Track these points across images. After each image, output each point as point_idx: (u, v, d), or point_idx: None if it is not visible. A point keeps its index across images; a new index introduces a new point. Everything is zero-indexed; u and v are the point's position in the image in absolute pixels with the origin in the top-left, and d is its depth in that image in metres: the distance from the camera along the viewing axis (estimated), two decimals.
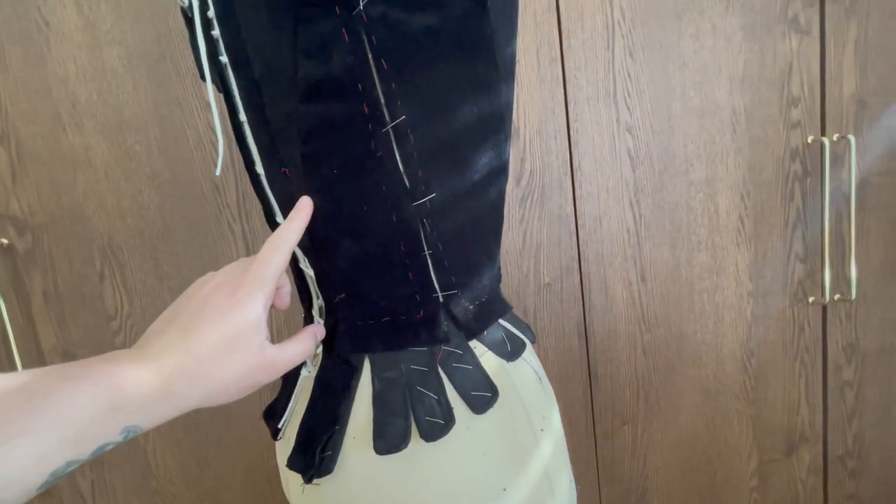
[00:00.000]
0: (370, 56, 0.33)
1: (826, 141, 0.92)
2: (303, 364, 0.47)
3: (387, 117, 0.35)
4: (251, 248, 0.91)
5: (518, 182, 0.93)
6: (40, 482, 0.24)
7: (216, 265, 0.92)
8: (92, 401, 0.26)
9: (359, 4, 0.32)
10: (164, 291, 0.92)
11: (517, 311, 0.97)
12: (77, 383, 0.26)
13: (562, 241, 0.95)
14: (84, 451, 0.26)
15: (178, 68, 0.86)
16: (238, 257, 0.92)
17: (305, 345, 0.36)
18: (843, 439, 1.04)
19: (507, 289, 0.96)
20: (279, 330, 0.94)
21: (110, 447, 0.27)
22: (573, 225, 0.95)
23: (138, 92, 0.86)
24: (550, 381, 0.98)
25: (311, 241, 0.40)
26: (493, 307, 0.45)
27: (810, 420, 1.03)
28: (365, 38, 0.33)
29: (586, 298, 0.97)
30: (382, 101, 0.35)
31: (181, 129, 0.88)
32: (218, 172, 0.46)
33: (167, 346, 0.30)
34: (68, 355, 0.92)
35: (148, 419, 0.28)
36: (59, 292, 0.90)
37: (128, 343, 0.92)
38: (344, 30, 0.33)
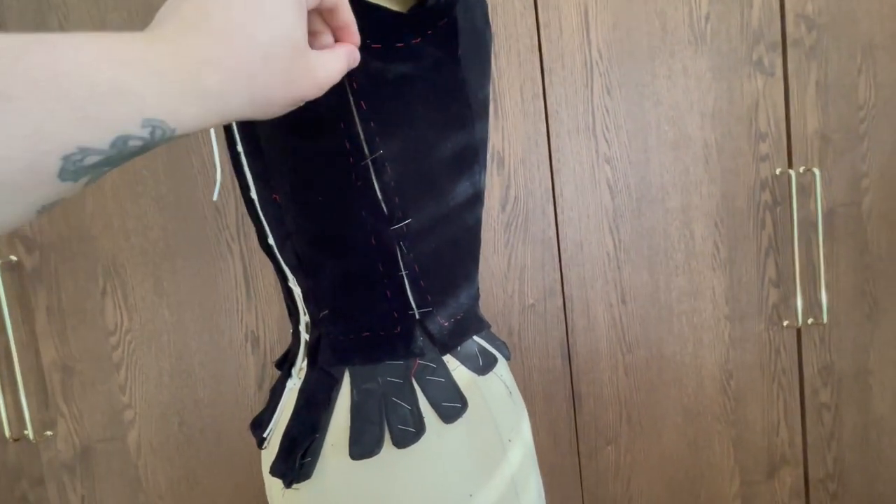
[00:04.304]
0: (351, 99, 0.38)
1: (793, 173, 0.98)
2: (288, 377, 0.51)
3: (366, 151, 0.40)
4: (248, 267, 0.96)
5: (503, 208, 0.98)
6: (55, 167, 0.20)
7: (215, 283, 0.96)
8: (82, 71, 0.20)
9: None
10: (163, 308, 0.95)
11: (502, 331, 1.00)
12: (56, 48, 0.20)
13: (545, 264, 0.99)
14: (99, 137, 0.21)
15: None
16: (236, 276, 0.96)
17: (340, 61, 0.31)
18: (823, 462, 1.05)
19: (493, 309, 1.00)
20: (272, 346, 0.97)
21: (136, 144, 0.22)
22: (556, 249, 0.99)
23: None
24: (535, 400, 1.01)
25: (299, 261, 0.44)
26: (469, 324, 0.48)
27: (790, 442, 1.05)
28: (346, 83, 0.38)
29: (569, 319, 1.01)
30: (362, 137, 0.39)
31: (186, 155, 0.93)
32: (215, 198, 0.50)
33: (185, 27, 0.24)
34: (67, 369, 0.94)
35: (175, 114, 0.23)
36: (62, 307, 0.93)
37: (125, 358, 0.95)
38: None
